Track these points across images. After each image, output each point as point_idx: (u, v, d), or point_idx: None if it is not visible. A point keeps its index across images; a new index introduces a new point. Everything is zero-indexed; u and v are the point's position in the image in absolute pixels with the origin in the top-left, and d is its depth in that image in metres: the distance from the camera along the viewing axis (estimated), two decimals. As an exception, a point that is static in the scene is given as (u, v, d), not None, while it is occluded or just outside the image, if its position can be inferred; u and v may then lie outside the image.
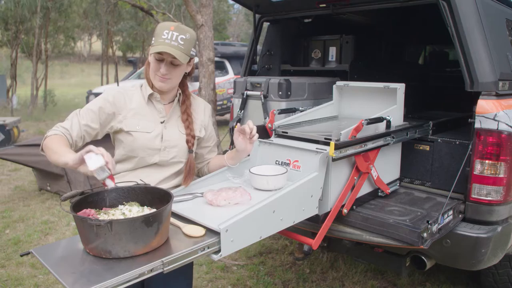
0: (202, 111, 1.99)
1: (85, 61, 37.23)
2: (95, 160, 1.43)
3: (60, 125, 1.73)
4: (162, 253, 1.33)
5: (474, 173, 2.14)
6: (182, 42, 1.71)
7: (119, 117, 1.80)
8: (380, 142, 2.16)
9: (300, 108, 2.80)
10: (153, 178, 1.83)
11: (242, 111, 3.06)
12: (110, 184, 1.48)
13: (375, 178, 2.21)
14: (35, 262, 3.45)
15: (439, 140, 2.49)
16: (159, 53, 1.71)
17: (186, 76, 1.90)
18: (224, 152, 2.16)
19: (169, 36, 1.69)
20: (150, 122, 1.83)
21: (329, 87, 2.91)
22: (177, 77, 1.81)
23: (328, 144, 1.82)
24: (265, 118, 2.85)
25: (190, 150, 1.89)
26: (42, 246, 1.40)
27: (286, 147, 2.06)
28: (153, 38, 1.75)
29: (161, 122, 1.85)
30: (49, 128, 1.75)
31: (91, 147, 1.46)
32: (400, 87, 2.42)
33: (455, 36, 2.24)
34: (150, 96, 1.84)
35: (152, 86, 1.85)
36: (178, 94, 1.90)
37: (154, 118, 1.84)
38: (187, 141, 1.87)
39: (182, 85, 1.91)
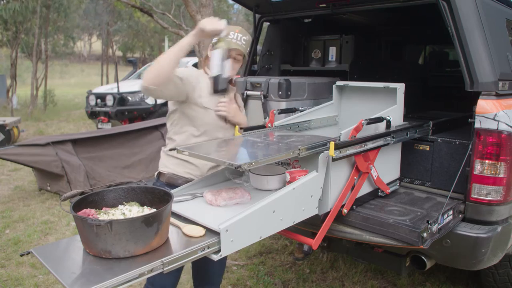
0: (238, 98, 2.35)
1: (85, 61, 37.25)
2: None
3: None
4: (162, 253, 1.34)
5: (474, 173, 2.14)
6: (244, 42, 2.10)
7: (197, 92, 2.06)
8: (380, 142, 2.16)
9: (300, 108, 2.80)
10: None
11: (242, 111, 3.06)
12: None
13: (375, 178, 2.21)
14: (35, 262, 3.45)
15: (439, 140, 2.49)
16: (229, 49, 2.03)
17: None
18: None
19: (236, 36, 2.06)
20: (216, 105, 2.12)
21: (329, 87, 2.91)
22: (235, 70, 2.15)
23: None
24: (265, 118, 2.85)
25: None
26: (42, 246, 1.40)
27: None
28: (215, 38, 2.04)
29: None
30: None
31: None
32: (400, 87, 2.42)
33: (455, 36, 2.23)
34: None
35: None
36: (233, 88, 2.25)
37: (215, 103, 2.12)
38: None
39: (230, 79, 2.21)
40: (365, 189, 2.20)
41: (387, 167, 2.35)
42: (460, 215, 2.20)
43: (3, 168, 6.72)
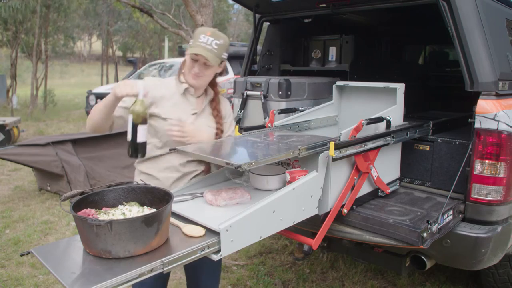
0: (224, 106, 2.18)
1: (85, 61, 37.26)
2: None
3: None
4: (162, 253, 1.34)
5: (474, 173, 2.14)
6: (216, 47, 1.91)
7: (154, 104, 1.96)
8: (380, 142, 2.16)
9: (300, 108, 2.80)
10: (182, 160, 1.99)
11: (242, 111, 3.06)
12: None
13: (375, 178, 2.21)
14: (35, 262, 3.45)
15: (439, 140, 2.49)
16: (195, 54, 1.90)
17: (217, 75, 2.08)
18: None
19: (205, 40, 1.91)
20: (183, 113, 2.00)
21: (329, 87, 2.91)
22: (208, 76, 2.01)
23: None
24: (265, 118, 2.85)
25: None
26: (42, 246, 1.40)
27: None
28: (191, 40, 1.95)
29: (192, 114, 2.03)
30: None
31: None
32: (400, 87, 2.42)
33: (455, 36, 2.24)
34: (186, 90, 2.02)
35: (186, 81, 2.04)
36: (211, 94, 2.09)
37: (187, 110, 2.02)
38: (216, 134, 2.07)
39: (213, 84, 2.10)
40: (365, 189, 2.20)
41: (387, 167, 2.35)
42: (460, 215, 2.20)
43: (3, 168, 6.71)
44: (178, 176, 2.00)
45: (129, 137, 1.75)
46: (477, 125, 2.12)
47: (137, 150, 1.76)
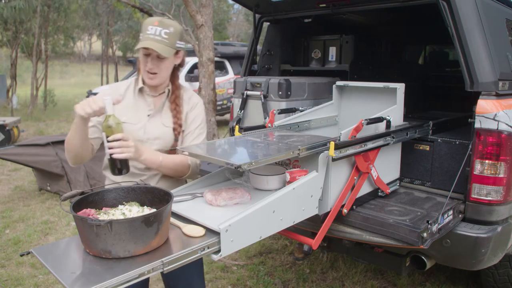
0: (187, 100, 2.00)
1: (85, 61, 37.28)
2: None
3: None
4: (162, 253, 1.33)
5: (474, 173, 2.14)
6: (166, 36, 1.78)
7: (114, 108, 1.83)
8: (380, 142, 2.16)
9: (300, 108, 2.80)
10: (140, 165, 1.88)
11: (242, 111, 3.06)
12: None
13: (375, 178, 2.21)
14: (35, 262, 3.45)
15: (439, 140, 2.49)
16: (145, 48, 1.78)
17: (177, 67, 1.96)
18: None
19: (153, 31, 1.78)
20: (137, 115, 1.90)
21: (329, 87, 2.91)
22: (165, 70, 1.87)
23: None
24: (265, 118, 2.85)
25: (176, 138, 1.94)
26: (42, 246, 1.40)
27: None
28: (140, 34, 1.83)
29: (148, 115, 1.92)
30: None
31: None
32: (400, 87, 2.42)
33: (455, 36, 2.24)
34: (140, 90, 1.93)
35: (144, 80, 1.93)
36: (167, 89, 1.95)
37: (142, 111, 1.92)
38: (174, 129, 1.92)
39: (173, 77, 1.96)
40: (365, 189, 2.20)
41: (387, 167, 2.35)
42: (460, 215, 2.20)
43: (3, 168, 6.72)
44: (142, 179, 1.90)
45: (107, 155, 1.64)
46: (477, 125, 2.12)
47: (121, 167, 1.68)
